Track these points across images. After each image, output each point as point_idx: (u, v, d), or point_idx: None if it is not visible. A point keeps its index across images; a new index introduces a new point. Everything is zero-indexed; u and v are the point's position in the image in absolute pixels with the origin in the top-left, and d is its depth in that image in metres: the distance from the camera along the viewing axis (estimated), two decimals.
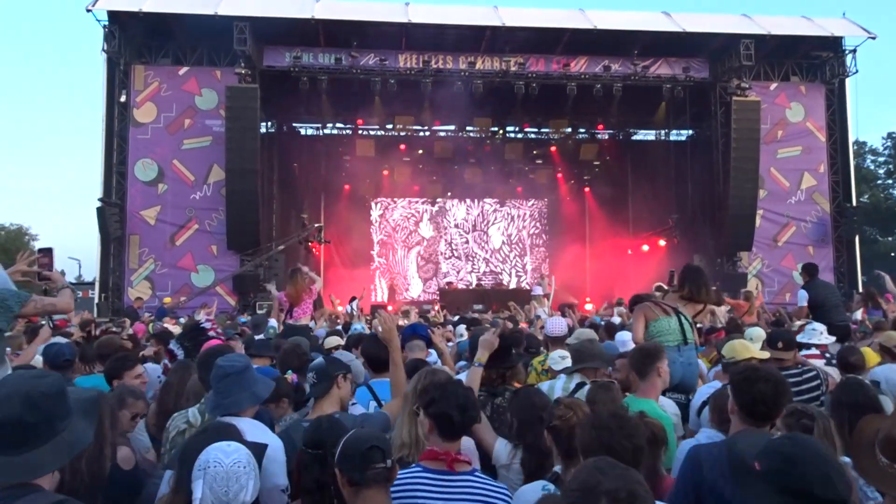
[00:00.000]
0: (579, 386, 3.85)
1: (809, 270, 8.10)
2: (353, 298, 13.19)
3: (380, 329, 3.71)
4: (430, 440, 2.48)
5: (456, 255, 24.08)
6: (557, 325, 5.42)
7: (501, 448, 2.95)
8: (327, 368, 3.20)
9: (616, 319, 8.53)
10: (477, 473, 2.50)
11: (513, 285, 23.32)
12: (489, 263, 24.21)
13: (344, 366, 3.29)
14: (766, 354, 4.22)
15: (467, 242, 24.19)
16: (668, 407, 3.69)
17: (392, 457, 2.24)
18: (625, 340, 5.29)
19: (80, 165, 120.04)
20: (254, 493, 2.00)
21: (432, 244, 23.98)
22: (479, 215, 24.40)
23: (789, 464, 1.68)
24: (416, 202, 23.94)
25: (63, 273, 3.69)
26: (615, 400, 3.14)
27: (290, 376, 3.82)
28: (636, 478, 1.59)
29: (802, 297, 7.76)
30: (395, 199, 23.81)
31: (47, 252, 3.43)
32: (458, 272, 23.88)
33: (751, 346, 4.24)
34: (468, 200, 24.08)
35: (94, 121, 18.90)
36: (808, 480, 1.65)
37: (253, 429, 2.63)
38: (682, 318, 4.83)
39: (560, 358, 4.44)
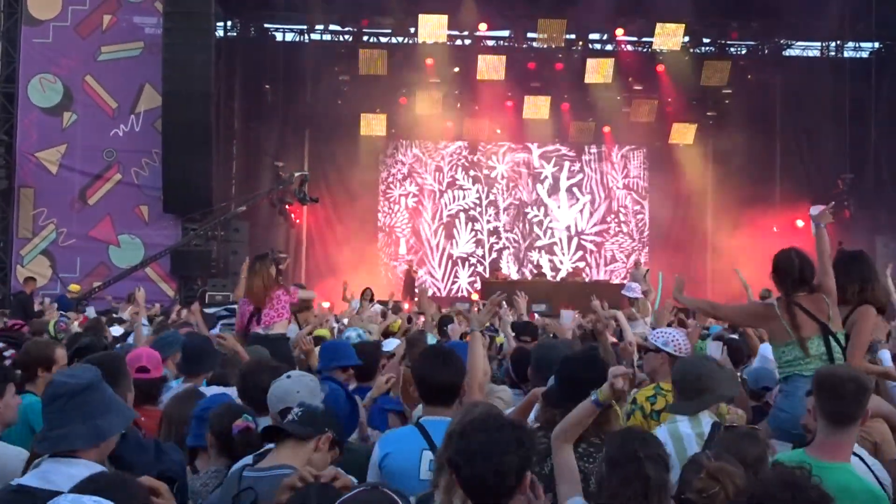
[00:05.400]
0: (715, 428, 3.50)
1: None
2: (367, 291, 12.72)
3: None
4: None
5: (504, 228, 22.14)
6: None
7: None
8: (321, 416, 3.07)
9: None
10: None
11: (590, 275, 21.57)
12: (553, 242, 22.22)
13: (336, 425, 3.19)
14: None
15: (522, 210, 22.23)
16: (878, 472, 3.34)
17: None
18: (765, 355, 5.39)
19: None
20: None
21: (470, 210, 22.08)
22: (541, 168, 22.22)
23: None
24: (448, 146, 22.00)
25: None
26: (763, 455, 3.00)
27: (244, 422, 3.33)
28: None
29: None
30: (418, 142, 21.86)
31: None
32: (506, 253, 22.01)
33: None
34: (526, 145, 22.04)
35: None
36: None
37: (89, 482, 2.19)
38: (833, 339, 4.38)
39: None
